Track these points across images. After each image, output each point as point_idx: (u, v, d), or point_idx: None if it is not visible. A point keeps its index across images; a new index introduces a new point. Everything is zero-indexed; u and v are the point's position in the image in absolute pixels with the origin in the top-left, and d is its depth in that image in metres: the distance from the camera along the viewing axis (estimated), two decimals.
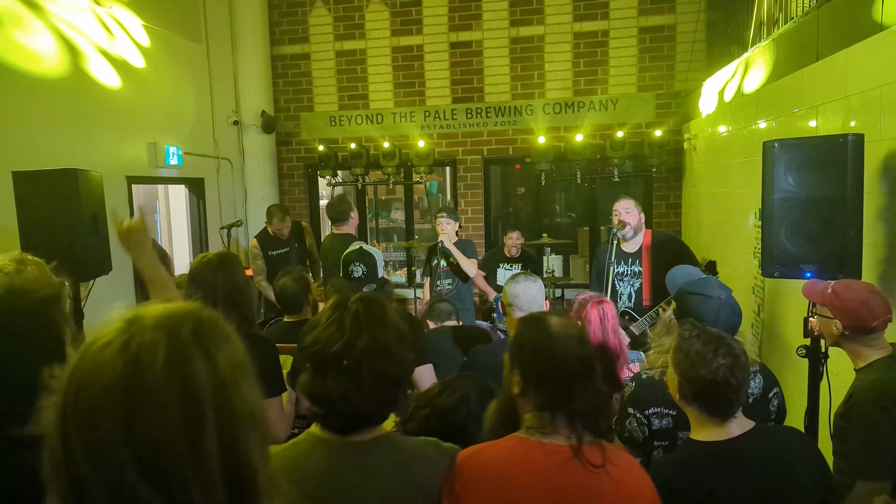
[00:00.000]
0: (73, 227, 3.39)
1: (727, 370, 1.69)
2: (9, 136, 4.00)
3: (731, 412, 1.73)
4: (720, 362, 1.69)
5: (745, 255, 4.24)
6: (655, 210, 6.51)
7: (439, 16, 6.69)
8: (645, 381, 2.21)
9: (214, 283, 2.37)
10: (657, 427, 2.16)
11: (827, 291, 2.13)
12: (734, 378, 1.69)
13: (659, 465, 1.86)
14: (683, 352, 1.76)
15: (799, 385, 2.94)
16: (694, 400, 1.75)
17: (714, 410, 1.73)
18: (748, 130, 4.25)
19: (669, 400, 2.11)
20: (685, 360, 1.75)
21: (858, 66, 2.84)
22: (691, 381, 1.73)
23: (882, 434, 1.89)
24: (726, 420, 1.73)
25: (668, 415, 2.15)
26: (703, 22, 6.10)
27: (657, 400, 2.14)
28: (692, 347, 1.74)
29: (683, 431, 2.12)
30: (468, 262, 4.87)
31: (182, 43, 5.97)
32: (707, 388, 1.70)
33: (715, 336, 1.78)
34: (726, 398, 1.71)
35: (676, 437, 2.15)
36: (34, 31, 4.20)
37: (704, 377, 1.69)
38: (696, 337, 1.78)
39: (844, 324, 2.06)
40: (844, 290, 2.10)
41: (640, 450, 2.20)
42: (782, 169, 2.56)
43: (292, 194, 7.19)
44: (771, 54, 3.96)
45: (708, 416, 1.74)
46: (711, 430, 1.75)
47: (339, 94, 6.97)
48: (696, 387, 1.72)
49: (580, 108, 6.52)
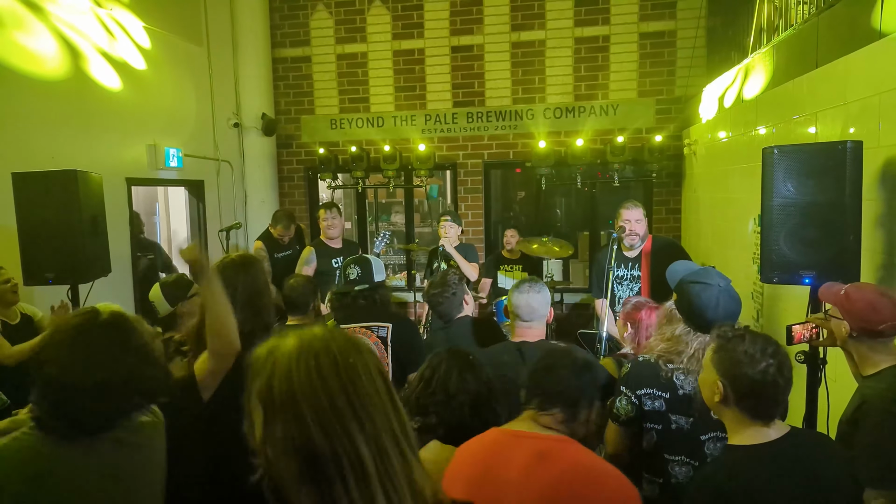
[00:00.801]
0: (73, 228, 3.40)
1: (776, 370, 1.65)
2: (9, 137, 4.00)
3: (776, 414, 1.70)
4: (769, 362, 1.65)
5: (745, 261, 4.24)
6: (655, 215, 6.52)
7: (440, 20, 6.71)
8: (640, 363, 2.24)
9: (235, 284, 2.28)
10: (649, 408, 2.18)
11: (840, 293, 2.13)
12: (782, 378, 1.66)
13: (705, 475, 1.80)
14: (728, 352, 1.70)
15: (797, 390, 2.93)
16: (737, 402, 1.70)
17: (758, 412, 1.69)
18: (748, 136, 4.26)
19: (663, 382, 2.16)
20: (729, 361, 1.69)
21: (858, 74, 2.84)
22: (737, 381, 1.67)
23: (894, 443, 1.87)
24: (769, 423, 1.69)
25: (660, 397, 2.17)
26: (704, 28, 6.12)
27: (650, 381, 2.17)
28: (738, 347, 1.69)
29: (676, 415, 2.16)
30: (469, 267, 4.87)
31: (183, 45, 5.99)
32: (754, 388, 1.66)
33: (761, 336, 1.73)
34: (774, 399, 1.67)
35: (670, 422, 2.17)
36: (35, 32, 4.21)
37: (752, 377, 1.65)
38: (740, 337, 1.72)
39: (852, 325, 2.05)
40: (855, 291, 2.09)
41: (628, 428, 2.22)
42: (781, 175, 2.56)
43: (292, 197, 7.19)
44: (771, 61, 3.97)
45: (751, 418, 1.69)
46: (752, 433, 1.69)
47: (340, 97, 6.98)
48: (741, 388, 1.67)
49: (581, 112, 6.53)
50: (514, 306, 2.60)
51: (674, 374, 2.16)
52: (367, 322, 2.88)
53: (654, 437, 2.20)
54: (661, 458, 2.21)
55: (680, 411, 2.15)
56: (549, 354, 1.90)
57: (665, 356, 2.19)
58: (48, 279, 3.40)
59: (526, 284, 2.65)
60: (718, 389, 1.71)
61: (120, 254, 4.75)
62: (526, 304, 2.57)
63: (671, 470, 2.18)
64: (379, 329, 2.85)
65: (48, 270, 3.39)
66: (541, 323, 2.60)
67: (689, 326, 2.19)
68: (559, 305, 6.27)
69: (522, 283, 2.67)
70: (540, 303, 2.58)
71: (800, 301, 2.93)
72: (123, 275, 4.97)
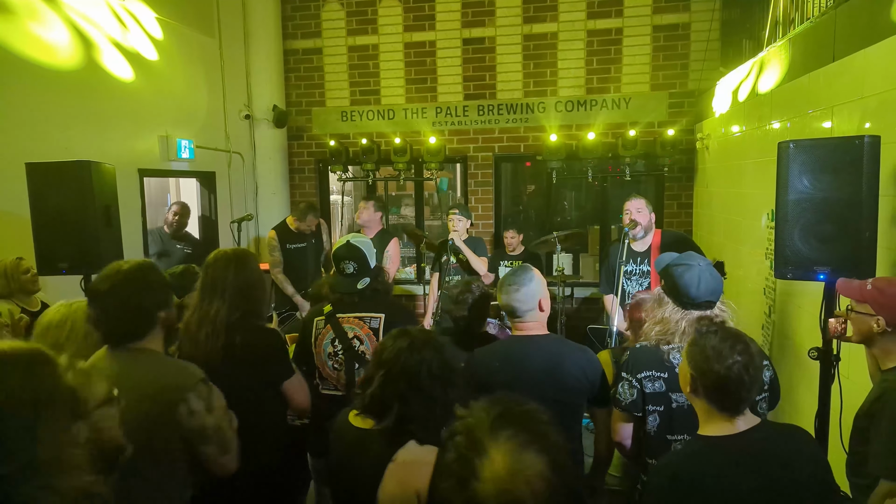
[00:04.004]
0: (86, 219, 3.42)
1: (741, 367, 1.71)
2: (23, 127, 4.03)
3: (741, 409, 1.76)
4: (735, 359, 1.72)
5: (758, 256, 4.21)
6: (667, 209, 6.48)
7: (452, 11, 6.68)
8: (638, 349, 2.38)
9: (225, 276, 2.46)
10: (650, 390, 2.29)
11: (867, 288, 2.10)
12: (747, 376, 1.72)
13: (667, 459, 1.91)
14: (699, 346, 1.79)
15: (811, 387, 2.92)
16: (705, 394, 1.78)
17: (724, 406, 1.76)
18: (762, 131, 4.22)
19: (661, 363, 2.29)
20: (700, 355, 1.77)
21: (875, 68, 2.81)
22: (704, 376, 1.75)
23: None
24: (735, 416, 1.76)
25: (659, 377, 2.29)
26: (718, 21, 6.06)
27: (649, 364, 2.30)
28: (708, 343, 1.77)
29: (676, 393, 2.26)
30: (478, 260, 4.86)
31: (195, 36, 6.00)
32: (720, 383, 1.73)
33: (732, 333, 1.81)
34: (738, 395, 1.73)
35: (670, 401, 2.28)
36: (49, 22, 4.23)
37: (718, 372, 1.72)
38: (713, 333, 1.80)
39: (889, 320, 2.02)
40: (888, 286, 2.07)
41: (631, 413, 2.34)
42: (797, 170, 2.53)
43: (303, 189, 7.20)
44: (786, 54, 3.92)
45: (718, 410, 1.77)
46: (719, 424, 1.77)
47: (351, 90, 6.97)
48: (708, 381, 1.75)
49: (592, 106, 6.49)
50: (502, 307, 2.57)
51: (670, 354, 2.29)
52: (361, 312, 2.86)
53: (657, 420, 2.30)
54: (664, 441, 2.29)
55: (679, 389, 2.22)
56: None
57: (661, 339, 2.31)
58: (62, 269, 3.42)
59: (508, 283, 2.51)
60: (688, 380, 1.82)
61: (132, 245, 4.78)
62: (507, 304, 2.51)
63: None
64: (371, 320, 2.84)
65: (62, 260, 3.41)
66: (533, 316, 2.49)
67: (677, 304, 2.32)
68: (569, 299, 6.24)
69: (505, 280, 2.52)
70: (522, 299, 2.47)
71: (813, 297, 2.91)
72: None
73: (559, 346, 2.55)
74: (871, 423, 1.97)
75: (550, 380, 2.40)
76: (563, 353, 2.48)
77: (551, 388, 2.37)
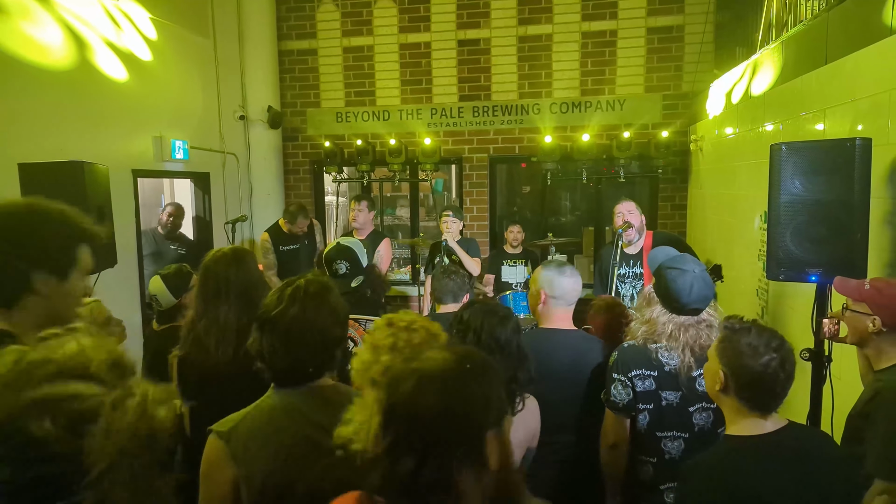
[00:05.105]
0: None
1: (778, 364, 1.69)
2: (15, 127, 4.01)
3: (774, 406, 1.74)
4: (772, 356, 1.69)
5: (750, 258, 4.22)
6: (661, 211, 6.50)
7: (447, 13, 6.68)
8: (626, 348, 2.37)
9: (227, 276, 2.35)
10: (641, 389, 2.29)
11: (865, 287, 2.10)
12: (783, 372, 1.70)
13: (699, 460, 1.83)
14: (732, 343, 1.75)
15: (802, 388, 2.93)
16: (736, 392, 1.74)
17: (756, 404, 1.73)
18: (755, 133, 4.23)
19: (650, 362, 2.29)
20: (733, 351, 1.74)
21: (867, 70, 2.82)
22: (739, 373, 1.72)
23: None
24: (767, 414, 1.73)
25: (649, 376, 2.29)
26: (712, 23, 6.08)
27: (639, 362, 2.30)
28: (743, 339, 1.73)
29: (666, 391, 2.28)
30: (471, 262, 4.87)
31: (189, 37, 5.98)
32: (754, 380, 1.70)
33: (767, 330, 1.77)
34: (773, 391, 1.71)
35: (660, 399, 2.28)
36: (41, 22, 4.21)
37: (753, 369, 1.69)
38: (746, 330, 1.76)
39: (886, 320, 2.02)
40: (886, 286, 2.07)
41: (625, 413, 2.34)
42: (789, 172, 2.54)
43: (298, 190, 7.19)
44: (779, 57, 3.94)
45: (749, 409, 1.74)
46: (749, 424, 1.74)
47: (346, 91, 6.96)
48: (742, 378, 1.72)
49: (587, 107, 6.51)
50: (561, 290, 2.61)
51: (658, 353, 2.29)
52: (356, 314, 2.87)
53: (647, 418, 2.31)
54: (654, 437, 2.31)
55: (669, 387, 2.27)
56: None
57: (648, 339, 2.32)
58: None
59: (568, 268, 2.67)
60: (720, 378, 1.77)
61: (126, 245, 4.76)
62: (572, 289, 2.63)
63: (664, 446, 2.29)
64: (367, 323, 2.85)
65: None
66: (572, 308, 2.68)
67: (666, 308, 2.32)
68: None
69: (563, 267, 2.67)
70: (578, 288, 2.67)
71: (805, 299, 2.92)
72: (129, 266, 4.98)
73: (584, 341, 2.66)
74: (866, 423, 1.97)
75: (574, 374, 2.51)
76: (590, 348, 2.60)
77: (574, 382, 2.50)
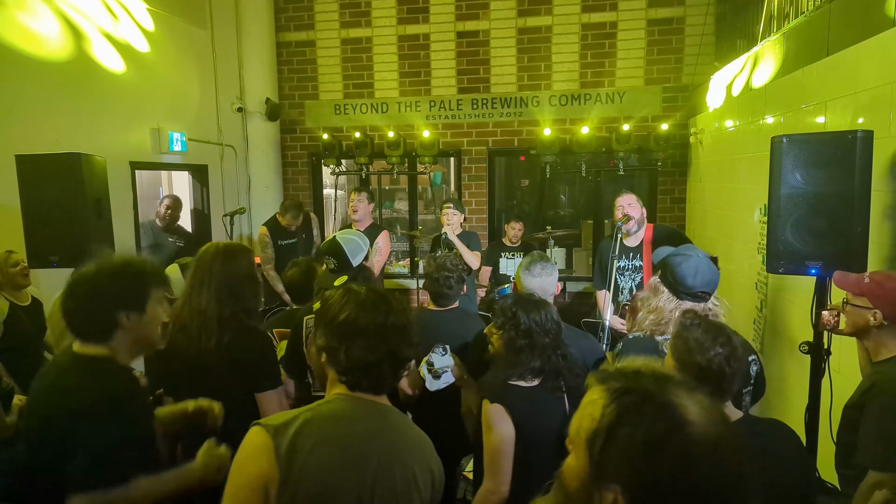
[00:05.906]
0: (76, 211, 3.39)
1: (723, 359, 1.72)
2: (12, 119, 3.99)
3: (721, 402, 1.76)
4: (717, 351, 1.72)
5: (750, 251, 4.22)
6: (660, 204, 6.49)
7: (446, 4, 6.65)
8: (632, 339, 2.39)
9: (211, 268, 2.35)
10: None
11: (864, 281, 2.10)
12: (729, 368, 1.72)
13: None
14: (682, 338, 1.79)
15: (801, 381, 2.93)
16: None
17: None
18: (755, 125, 4.22)
19: (655, 352, 2.27)
20: (683, 346, 1.78)
21: (869, 62, 2.81)
22: (686, 367, 1.75)
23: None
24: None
25: None
26: (713, 15, 6.05)
27: (644, 353, 2.27)
28: (692, 335, 1.77)
29: None
30: (471, 255, 4.85)
31: (187, 28, 5.95)
32: (700, 374, 1.72)
33: (715, 325, 1.81)
34: (718, 386, 1.73)
35: None
36: (38, 13, 4.18)
37: (699, 363, 1.73)
38: (696, 325, 1.80)
39: (886, 313, 2.02)
40: (886, 279, 2.07)
41: None
42: (790, 165, 2.54)
43: (296, 183, 7.17)
44: (780, 49, 3.92)
45: None
46: None
47: (345, 83, 6.93)
48: (689, 373, 1.74)
49: (586, 100, 6.49)
50: (528, 288, 2.68)
51: (664, 345, 2.27)
52: None
53: None
54: None
55: None
56: None
57: (655, 329, 2.32)
58: (52, 262, 3.40)
59: (538, 266, 2.73)
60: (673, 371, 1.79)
61: (124, 238, 4.75)
62: (540, 287, 2.66)
63: None
64: None
65: (52, 253, 3.39)
66: (551, 301, 2.68)
67: (673, 294, 2.33)
68: (562, 294, 6.26)
69: (533, 265, 2.74)
70: (551, 283, 2.73)
71: (805, 292, 2.92)
72: None
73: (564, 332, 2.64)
74: (861, 413, 1.97)
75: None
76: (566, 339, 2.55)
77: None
